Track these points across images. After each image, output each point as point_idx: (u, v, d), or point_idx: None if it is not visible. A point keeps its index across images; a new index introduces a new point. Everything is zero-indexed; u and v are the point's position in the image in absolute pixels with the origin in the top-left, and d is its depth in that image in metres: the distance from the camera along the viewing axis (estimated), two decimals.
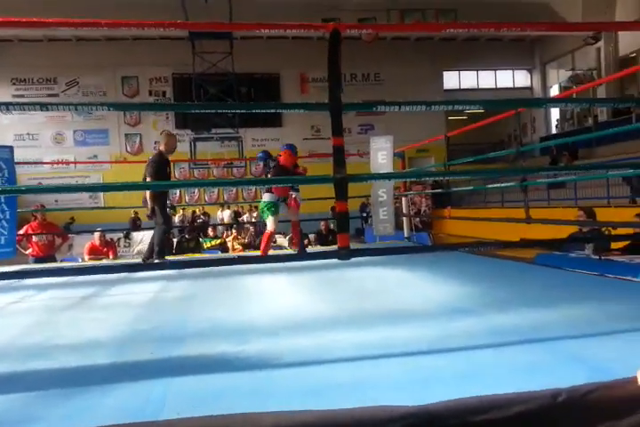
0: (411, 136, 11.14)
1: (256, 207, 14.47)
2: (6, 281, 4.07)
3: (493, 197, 15.33)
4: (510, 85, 19.25)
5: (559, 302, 2.53)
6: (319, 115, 16.60)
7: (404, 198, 6.66)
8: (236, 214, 13.81)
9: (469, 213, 14.45)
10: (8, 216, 5.13)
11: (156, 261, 4.95)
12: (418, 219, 16.29)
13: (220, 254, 7.19)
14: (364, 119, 16.91)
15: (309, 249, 6.54)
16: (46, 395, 1.53)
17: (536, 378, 1.50)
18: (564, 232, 5.29)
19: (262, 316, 2.50)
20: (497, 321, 2.22)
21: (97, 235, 6.93)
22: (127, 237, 10.73)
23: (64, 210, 12.35)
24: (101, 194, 14.30)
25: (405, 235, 6.49)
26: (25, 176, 14.09)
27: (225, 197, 15.57)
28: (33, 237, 6.71)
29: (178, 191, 14.53)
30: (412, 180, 12.73)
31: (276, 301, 2.92)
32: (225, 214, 14.08)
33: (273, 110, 2.62)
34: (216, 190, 14.89)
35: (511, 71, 19.44)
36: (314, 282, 3.65)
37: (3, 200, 5.05)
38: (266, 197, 5.20)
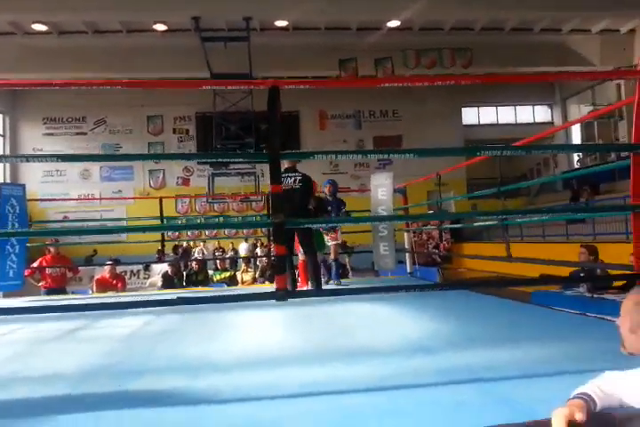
0: (429, 170, 11.18)
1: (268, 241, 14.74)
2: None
3: (514, 231, 15.11)
4: (530, 120, 19.28)
5: (525, 341, 2.51)
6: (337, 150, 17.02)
7: (405, 233, 6.67)
8: (254, 247, 13.96)
9: (488, 247, 14.28)
10: (17, 251, 5.35)
11: None
12: (436, 252, 16.19)
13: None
14: (383, 155, 17.08)
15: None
16: None
17: (457, 417, 1.51)
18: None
19: (225, 351, 2.55)
20: (453, 360, 2.22)
21: (107, 268, 7.12)
22: (147, 269, 11.02)
23: (85, 244, 12.71)
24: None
25: (408, 270, 6.46)
26: (52, 210, 14.62)
27: (244, 231, 15.77)
28: (46, 269, 6.92)
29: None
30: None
31: (247, 336, 2.97)
32: (242, 247, 14.24)
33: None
34: None
35: (531, 106, 19.50)
36: (297, 317, 3.68)
37: None
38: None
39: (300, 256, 5.25)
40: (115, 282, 7.10)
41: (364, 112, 17.43)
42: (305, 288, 5.01)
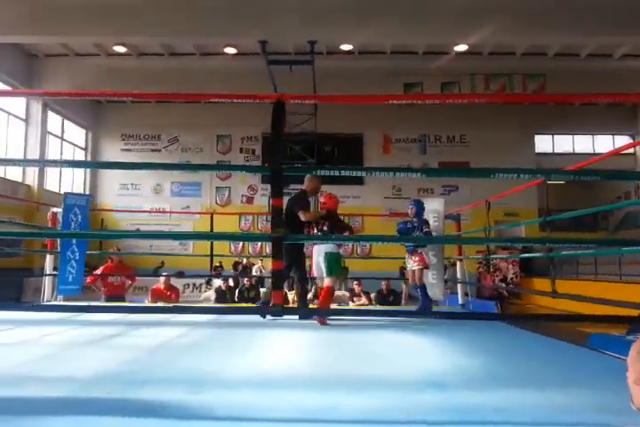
0: (499, 199, 10.78)
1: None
2: (68, 314, 4.51)
3: (588, 269, 14.14)
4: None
5: (553, 386, 2.33)
6: (400, 175, 16.83)
7: (458, 262, 6.44)
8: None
9: (558, 283, 13.45)
10: (77, 257, 5.69)
11: None
12: (503, 286, 15.43)
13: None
14: (448, 180, 16.69)
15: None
16: None
17: None
18: None
19: (236, 369, 2.56)
20: (464, 399, 2.11)
21: (162, 279, 7.37)
22: (208, 282, 11.41)
23: (152, 255, 13.31)
24: (191, 242, 15.20)
25: (460, 301, 6.22)
26: (126, 222, 15.42)
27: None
28: (109, 277, 7.22)
29: (241, 243, 15.27)
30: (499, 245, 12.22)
31: (265, 356, 2.96)
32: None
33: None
34: None
35: (611, 136, 18.47)
36: (323, 341, 3.64)
37: (74, 242, 5.63)
38: (330, 248, 4.67)
39: (324, 282, 4.85)
40: (169, 293, 7.32)
41: (430, 137, 17.20)
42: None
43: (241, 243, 15.22)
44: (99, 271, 7.21)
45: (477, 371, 2.67)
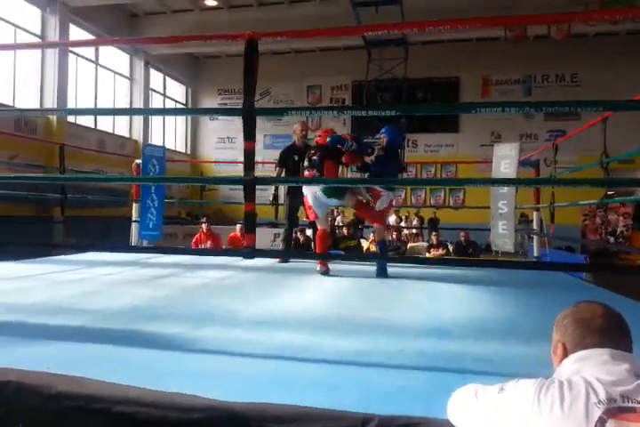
0: (611, 145, 9.65)
1: (416, 214, 14.36)
2: (144, 255, 4.96)
3: None
4: None
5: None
6: (500, 120, 15.70)
7: (535, 212, 5.98)
8: (400, 219, 13.87)
9: None
10: (157, 205, 6.10)
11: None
12: (612, 240, 14.19)
13: None
14: (555, 124, 15.28)
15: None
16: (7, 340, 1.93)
17: (386, 404, 1.39)
18: None
19: (253, 309, 2.69)
20: (454, 347, 2.04)
21: (239, 226, 7.72)
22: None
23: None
24: (282, 192, 15.64)
25: (535, 253, 5.84)
26: (224, 173, 16.20)
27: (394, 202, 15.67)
28: (200, 246, 7.65)
29: None
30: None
31: (289, 299, 3.02)
32: (390, 219, 14.25)
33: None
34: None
35: None
36: (354, 288, 3.64)
37: (153, 190, 6.03)
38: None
39: (319, 225, 4.43)
40: (244, 240, 7.66)
41: (536, 77, 15.72)
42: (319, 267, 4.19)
43: None
44: (193, 242, 7.74)
45: (491, 322, 2.54)
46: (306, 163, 4.28)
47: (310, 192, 4.23)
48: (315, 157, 4.20)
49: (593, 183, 2.88)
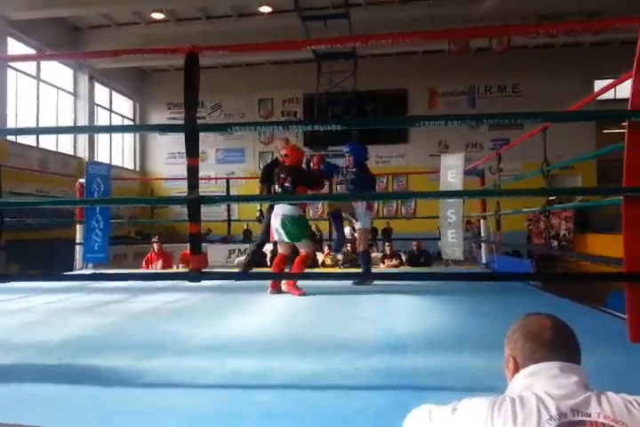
0: (553, 152, 10.00)
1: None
2: (82, 282, 4.72)
3: None
4: None
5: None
6: (447, 131, 16.11)
7: (482, 220, 6.13)
8: (354, 231, 13.93)
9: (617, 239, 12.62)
10: (102, 226, 5.87)
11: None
12: (555, 243, 14.72)
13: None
14: (498, 134, 15.83)
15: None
16: None
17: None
18: None
19: (204, 334, 2.60)
20: (409, 362, 2.05)
21: (188, 244, 7.52)
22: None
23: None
24: (236, 208, 15.43)
25: (483, 260, 5.97)
26: (174, 190, 15.84)
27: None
28: (151, 266, 7.40)
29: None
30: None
31: (246, 321, 2.95)
32: (346, 231, 14.27)
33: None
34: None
35: None
36: (313, 305, 3.59)
37: (98, 211, 5.80)
38: (290, 210, 4.06)
39: (279, 248, 4.36)
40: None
41: (479, 88, 16.30)
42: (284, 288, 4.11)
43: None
44: (144, 264, 7.48)
45: (447, 334, 2.58)
46: (278, 189, 4.20)
47: (275, 220, 4.15)
48: (287, 184, 4.10)
49: (535, 193, 2.97)
